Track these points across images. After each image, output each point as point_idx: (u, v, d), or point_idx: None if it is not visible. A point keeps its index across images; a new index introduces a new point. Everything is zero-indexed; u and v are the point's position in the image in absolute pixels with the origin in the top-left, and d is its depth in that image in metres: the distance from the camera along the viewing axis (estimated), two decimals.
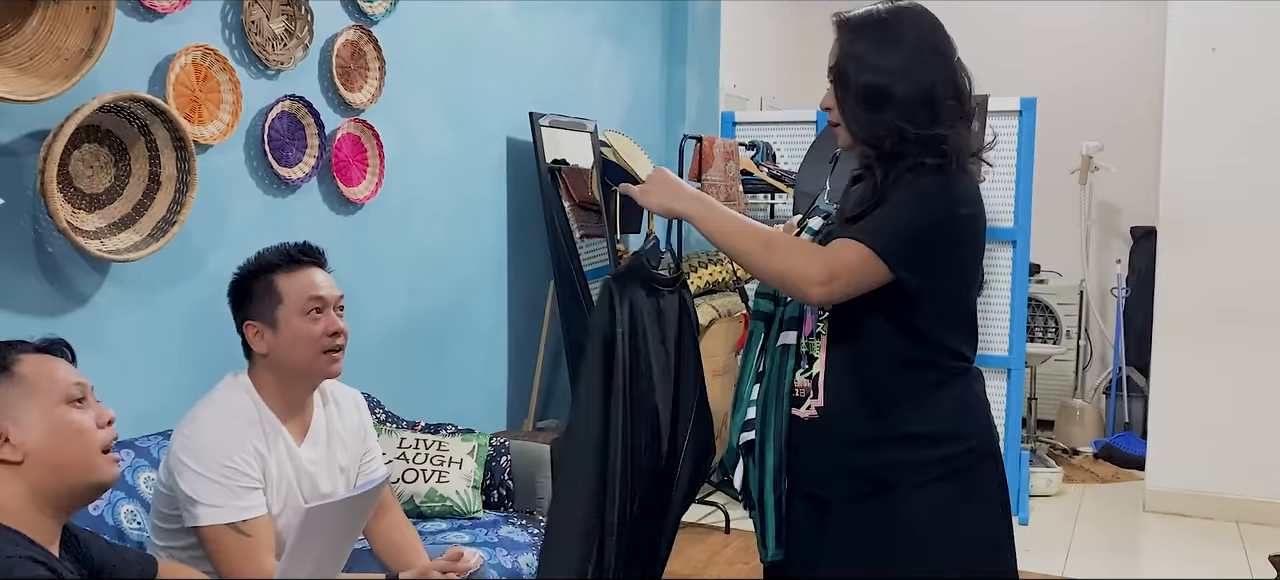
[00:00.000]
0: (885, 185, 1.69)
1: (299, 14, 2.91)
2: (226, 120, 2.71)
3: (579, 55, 4.39)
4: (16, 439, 1.46)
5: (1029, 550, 4.14)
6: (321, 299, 2.05)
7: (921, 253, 1.67)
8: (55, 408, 1.51)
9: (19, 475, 1.46)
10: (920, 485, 1.71)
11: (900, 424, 1.72)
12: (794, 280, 1.70)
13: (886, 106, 1.68)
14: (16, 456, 1.46)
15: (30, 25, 2.25)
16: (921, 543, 1.71)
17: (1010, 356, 4.56)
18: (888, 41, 1.71)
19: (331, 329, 2.04)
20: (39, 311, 2.30)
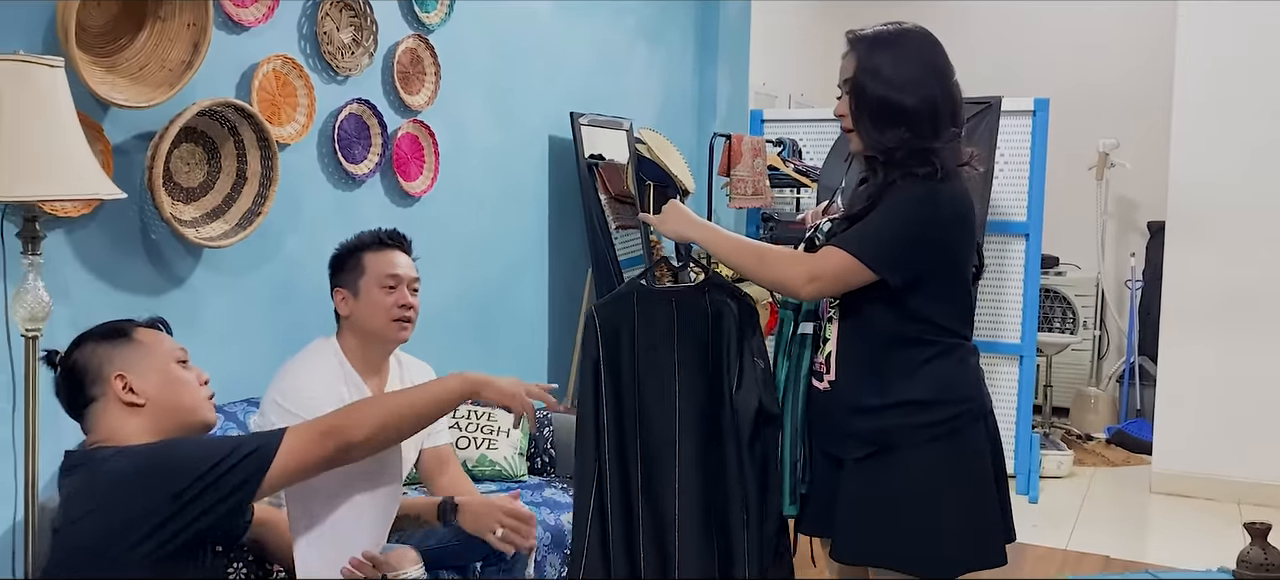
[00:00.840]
0: (882, 189, 1.97)
1: (365, 25, 3.22)
2: (302, 122, 3.03)
3: (616, 57, 4.67)
4: (138, 388, 1.81)
5: (1037, 526, 4.40)
6: (397, 276, 2.43)
7: (906, 254, 1.94)
8: (167, 366, 1.86)
9: (142, 415, 1.80)
10: (917, 445, 1.99)
11: (898, 393, 1.99)
12: (785, 284, 2.03)
13: (897, 118, 1.95)
14: (140, 400, 1.80)
15: (140, 40, 2.57)
16: (919, 494, 1.98)
17: (1022, 344, 4.80)
18: (899, 60, 1.99)
19: (402, 302, 2.42)
20: (144, 291, 2.63)
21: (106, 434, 1.78)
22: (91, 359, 1.82)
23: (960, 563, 2.02)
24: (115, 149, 2.53)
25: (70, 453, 1.80)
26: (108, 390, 1.80)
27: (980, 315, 4.76)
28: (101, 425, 1.80)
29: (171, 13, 2.58)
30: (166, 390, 1.83)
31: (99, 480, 1.68)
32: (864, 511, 2.02)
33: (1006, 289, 4.83)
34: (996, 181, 4.73)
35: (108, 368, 1.81)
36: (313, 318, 2.88)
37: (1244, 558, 2.86)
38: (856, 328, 2.02)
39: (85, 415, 1.82)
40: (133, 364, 1.83)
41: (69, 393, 1.83)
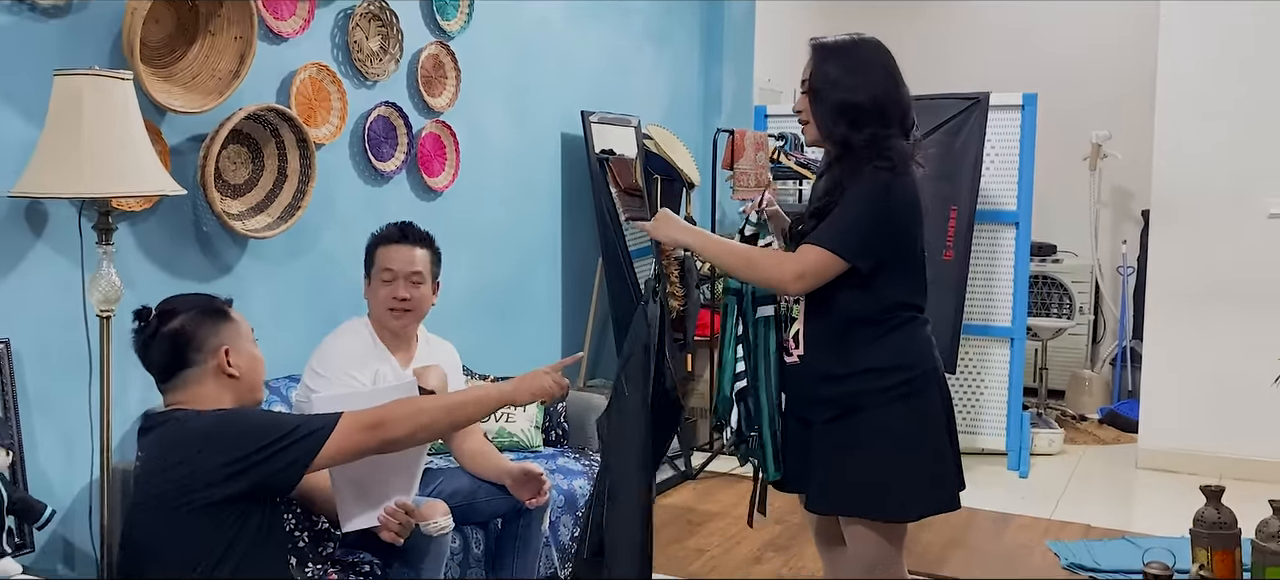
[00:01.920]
0: (845, 181, 2.23)
1: (391, 33, 3.50)
2: (335, 123, 3.32)
3: (625, 58, 4.94)
4: (235, 362, 2.07)
5: (1025, 498, 4.65)
6: (391, 271, 2.70)
7: (871, 241, 2.20)
8: (250, 345, 2.14)
9: (231, 387, 2.07)
10: (878, 406, 2.25)
11: (861, 362, 2.25)
12: (774, 283, 2.27)
13: (849, 115, 2.22)
14: (237, 373, 2.06)
15: (193, 52, 2.87)
16: (880, 449, 2.25)
17: (1013, 328, 5.05)
18: (854, 65, 2.25)
19: (396, 294, 2.69)
20: (196, 277, 2.92)
21: (193, 398, 2.02)
22: (197, 329, 2.04)
23: (918, 507, 2.29)
24: (172, 150, 2.82)
25: (150, 413, 2.08)
26: (210, 360, 2.03)
27: (972, 300, 5.02)
28: (193, 389, 2.03)
29: (220, 27, 2.87)
30: (251, 367, 2.10)
31: (180, 437, 1.95)
32: (833, 467, 2.28)
33: (998, 275, 5.08)
34: (988, 173, 4.98)
35: (213, 340, 2.04)
36: (345, 302, 3.17)
37: (1199, 517, 3.10)
38: (822, 307, 2.28)
39: (178, 378, 2.03)
40: (233, 340, 2.08)
41: (169, 355, 2.03)
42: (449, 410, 2.17)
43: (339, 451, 1.99)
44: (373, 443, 2.02)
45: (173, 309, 2.08)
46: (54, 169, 2.32)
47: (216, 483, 1.91)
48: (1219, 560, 3.04)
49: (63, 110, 2.34)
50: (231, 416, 1.99)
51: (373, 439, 2.02)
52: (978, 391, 5.18)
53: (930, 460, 2.28)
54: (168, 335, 2.03)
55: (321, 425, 1.98)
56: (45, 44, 2.53)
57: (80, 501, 2.63)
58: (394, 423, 2.04)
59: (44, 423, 2.55)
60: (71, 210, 2.56)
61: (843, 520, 2.34)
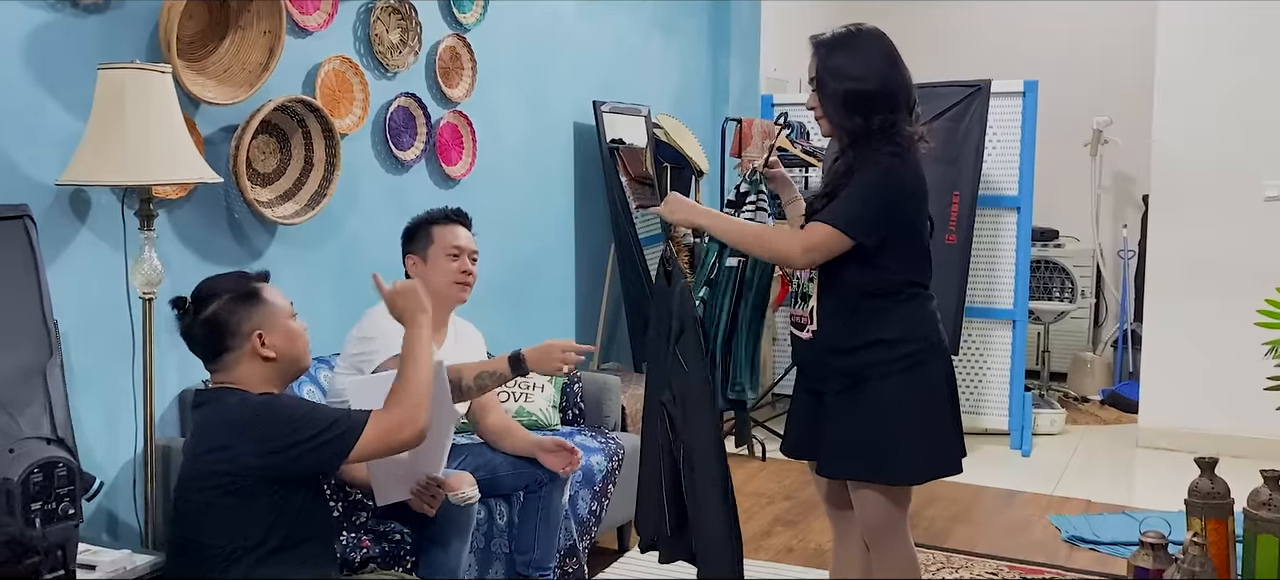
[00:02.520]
0: (856, 164, 2.35)
1: (410, 27, 3.62)
2: (358, 114, 3.44)
3: (635, 49, 5.06)
4: (270, 343, 2.14)
5: (1027, 476, 4.78)
6: (460, 247, 2.87)
7: (877, 220, 2.32)
8: (287, 321, 2.20)
9: (269, 366, 2.15)
10: (885, 377, 2.37)
11: (869, 334, 2.37)
12: (782, 258, 2.43)
13: (856, 104, 2.34)
14: (272, 354, 2.13)
15: (224, 46, 2.99)
16: (886, 418, 2.37)
17: (1015, 310, 5.17)
18: (856, 56, 2.36)
19: (464, 268, 2.86)
20: (229, 262, 3.04)
21: (236, 379, 2.12)
22: (231, 316, 2.10)
23: (922, 472, 2.42)
24: (205, 140, 2.94)
25: (200, 391, 2.20)
26: (246, 345, 2.10)
27: (975, 282, 5.14)
28: (234, 371, 2.12)
29: (250, 22, 2.99)
30: (289, 344, 2.16)
31: (221, 421, 2.07)
32: (842, 435, 2.41)
33: (1000, 259, 5.19)
34: (990, 159, 5.09)
35: (246, 325, 2.11)
36: (369, 285, 3.28)
37: (1193, 488, 3.22)
38: (834, 284, 2.40)
39: (218, 361, 2.13)
40: (266, 321, 2.13)
41: (208, 342, 2.12)
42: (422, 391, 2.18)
43: (369, 451, 2.08)
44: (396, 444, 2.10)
45: (209, 294, 2.14)
46: (99, 159, 2.44)
47: (254, 469, 2.01)
48: (1212, 529, 3.15)
49: (107, 102, 2.46)
50: (266, 412, 2.05)
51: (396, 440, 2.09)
52: (981, 372, 5.29)
53: (934, 428, 2.40)
54: (204, 323, 2.11)
55: (350, 425, 2.05)
56: (86, 40, 2.65)
57: (124, 475, 2.76)
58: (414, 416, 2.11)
59: (89, 400, 2.67)
60: (114, 198, 2.69)
61: (851, 485, 2.46)
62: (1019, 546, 3.85)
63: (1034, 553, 3.78)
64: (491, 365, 2.70)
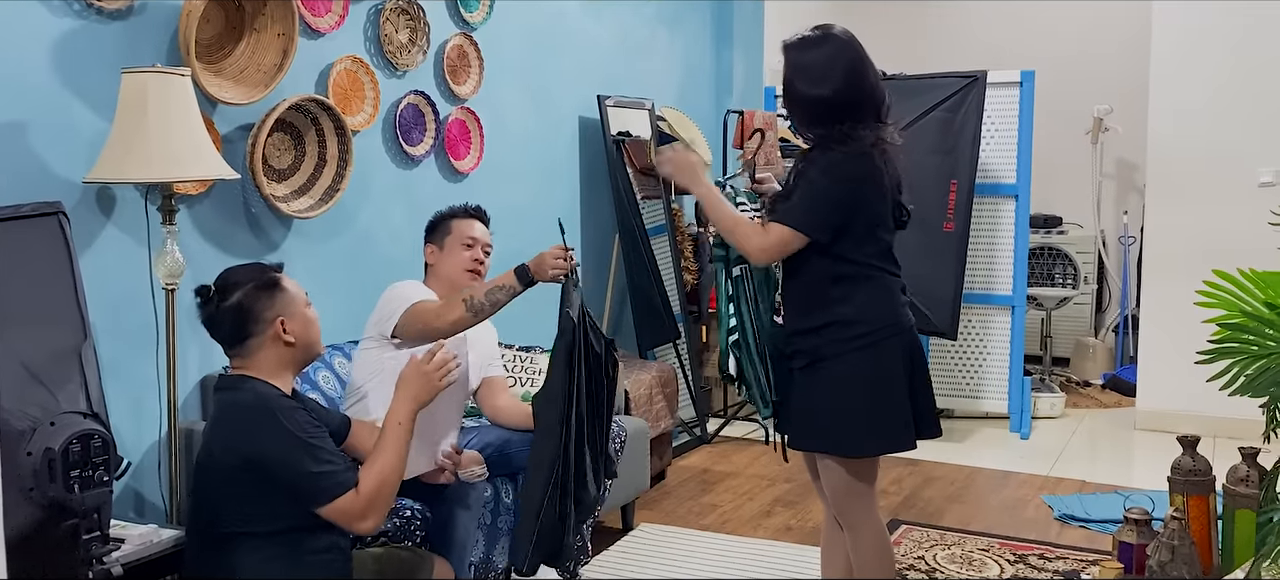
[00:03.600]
0: (809, 164, 2.49)
1: (419, 26, 3.76)
2: (368, 112, 3.58)
3: (639, 43, 5.18)
4: (290, 329, 2.25)
5: (1024, 457, 4.89)
6: (474, 239, 3.01)
7: (827, 214, 2.45)
8: (304, 308, 2.33)
9: (288, 351, 2.26)
10: (839, 355, 2.50)
11: (824, 317, 2.50)
12: (745, 251, 2.56)
13: (818, 111, 2.47)
14: (293, 340, 2.24)
15: (240, 48, 3.13)
16: (839, 393, 2.50)
17: (1014, 295, 5.27)
18: (820, 64, 2.48)
19: (476, 258, 3.00)
20: (246, 254, 3.18)
21: (256, 364, 2.23)
22: (254, 303, 2.21)
23: (874, 446, 2.57)
24: (223, 138, 3.09)
25: (222, 376, 2.33)
26: (268, 330, 2.21)
27: (974, 269, 5.24)
28: (255, 357, 2.22)
29: (264, 25, 3.13)
30: (306, 330, 2.28)
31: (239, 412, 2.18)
32: (803, 410, 2.57)
33: (999, 246, 5.30)
34: (988, 148, 5.19)
35: (269, 312, 2.22)
36: (380, 276, 3.43)
37: (1176, 466, 3.34)
38: (796, 272, 2.55)
39: (241, 347, 2.23)
40: (286, 309, 2.25)
41: (232, 329, 2.22)
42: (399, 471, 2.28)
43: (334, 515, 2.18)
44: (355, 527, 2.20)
45: (231, 284, 2.24)
46: (124, 158, 2.59)
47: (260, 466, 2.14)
48: (1194, 505, 3.27)
49: (130, 104, 2.61)
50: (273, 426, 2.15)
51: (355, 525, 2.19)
52: (981, 357, 5.40)
53: (885, 405, 2.52)
54: (228, 311, 2.22)
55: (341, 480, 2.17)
56: (110, 45, 2.80)
57: (148, 457, 2.91)
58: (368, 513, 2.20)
59: (115, 387, 2.82)
60: (137, 195, 2.84)
61: (817, 457, 2.61)
62: (1011, 525, 3.97)
63: (1025, 530, 3.90)
64: (500, 280, 2.80)
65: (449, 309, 2.73)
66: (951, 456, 4.79)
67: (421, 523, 2.83)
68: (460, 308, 2.71)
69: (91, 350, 2.31)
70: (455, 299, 2.74)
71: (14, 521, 1.71)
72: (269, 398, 2.20)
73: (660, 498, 4.29)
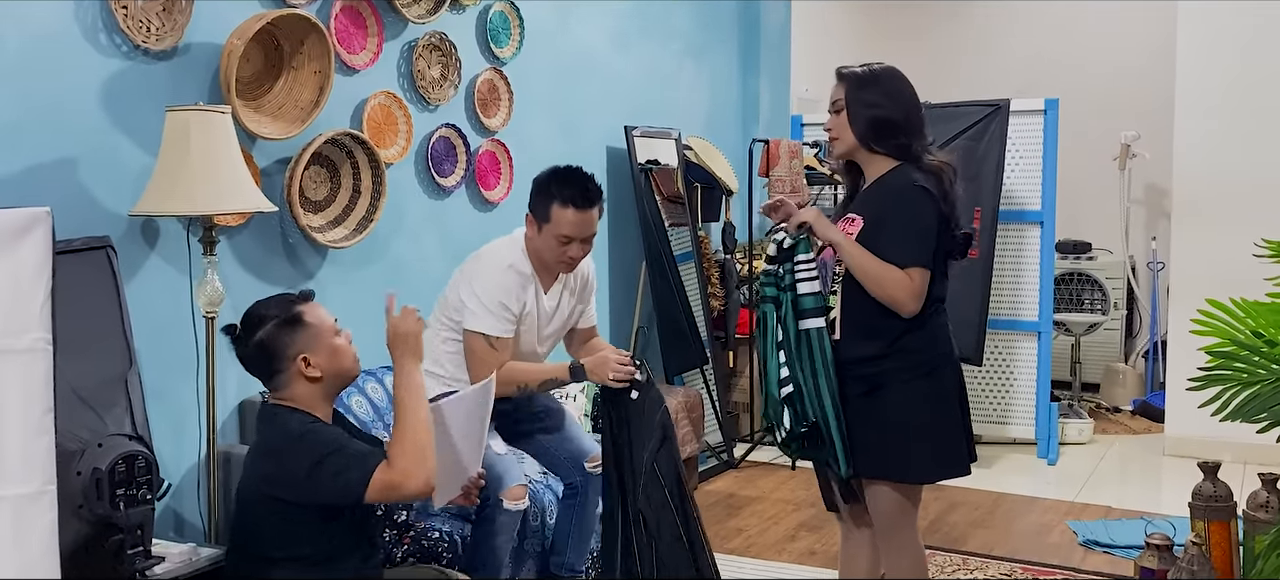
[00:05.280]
0: (896, 193, 2.52)
1: (450, 62, 3.88)
2: (401, 145, 3.70)
3: (666, 74, 5.28)
4: (315, 363, 2.29)
5: (1051, 483, 4.90)
6: (570, 237, 2.90)
7: (933, 246, 2.51)
8: (331, 339, 2.33)
9: (315, 384, 2.30)
10: (903, 383, 2.55)
11: (889, 345, 2.54)
12: (898, 304, 2.50)
13: (885, 131, 2.55)
14: (317, 374, 2.29)
15: (278, 85, 3.26)
16: (902, 421, 2.55)
17: (1040, 322, 5.29)
18: (886, 88, 2.58)
19: (570, 255, 2.94)
20: (283, 283, 3.31)
21: (289, 397, 2.30)
22: (276, 343, 2.27)
23: (937, 472, 2.63)
24: (262, 172, 3.22)
25: (263, 406, 2.39)
26: (292, 367, 2.27)
27: (1000, 296, 5.28)
28: (288, 390, 2.29)
29: (302, 63, 3.26)
30: (333, 361, 2.31)
31: (273, 439, 2.29)
32: (862, 436, 2.56)
33: (1024, 273, 5.32)
34: (1013, 175, 5.23)
35: (291, 349, 2.26)
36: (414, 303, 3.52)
37: (1197, 491, 3.35)
38: (856, 296, 2.55)
39: (273, 381, 2.31)
40: (309, 344, 2.28)
41: (260, 367, 2.30)
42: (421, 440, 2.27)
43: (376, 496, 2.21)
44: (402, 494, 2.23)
45: (257, 319, 2.31)
46: (168, 191, 2.72)
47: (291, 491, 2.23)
48: (1215, 530, 3.28)
49: (174, 140, 2.74)
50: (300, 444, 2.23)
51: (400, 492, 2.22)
52: (1007, 383, 5.42)
53: (945, 431, 2.60)
54: (253, 349, 2.29)
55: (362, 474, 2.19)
56: (156, 84, 2.94)
57: (189, 478, 3.02)
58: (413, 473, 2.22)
59: (157, 410, 2.93)
60: (180, 226, 2.97)
61: (866, 481, 2.63)
62: (1036, 550, 3.98)
63: (1049, 556, 3.91)
64: (554, 371, 2.89)
65: (503, 388, 2.76)
66: (977, 482, 4.80)
67: (448, 545, 2.92)
68: (513, 390, 2.81)
69: (137, 376, 2.42)
70: (510, 380, 2.83)
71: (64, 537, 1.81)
72: (293, 430, 2.25)
73: None
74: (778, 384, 2.58)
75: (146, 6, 2.89)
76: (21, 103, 2.67)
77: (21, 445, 1.62)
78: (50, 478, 1.66)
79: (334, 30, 3.40)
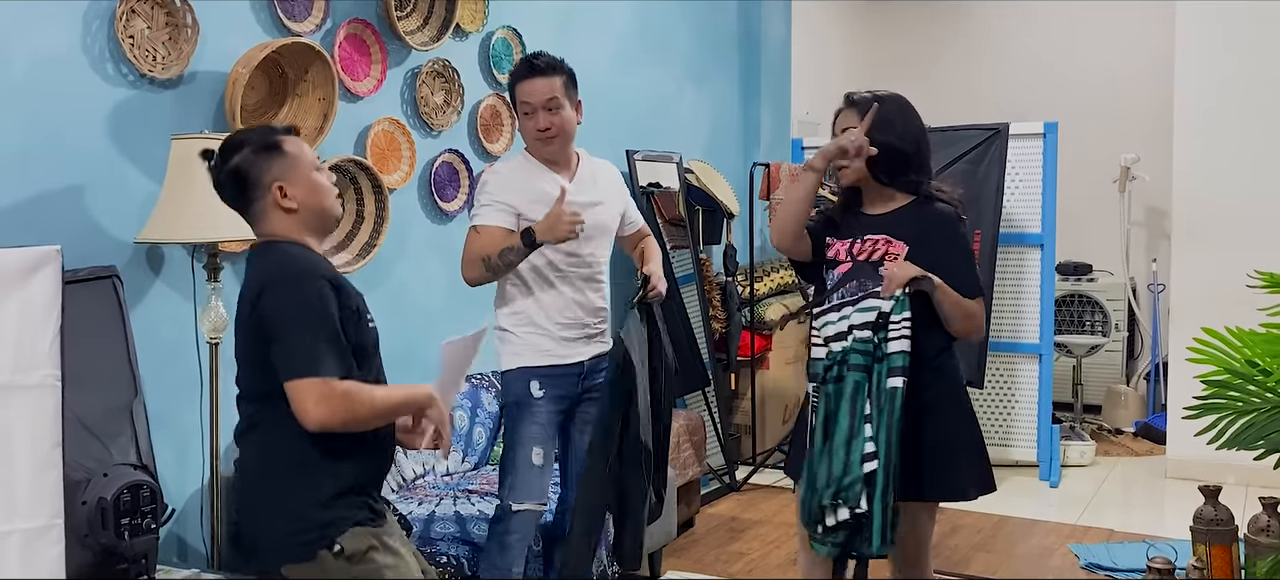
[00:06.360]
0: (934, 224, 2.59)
1: (453, 88, 3.91)
2: (405, 170, 3.73)
3: (667, 99, 5.31)
4: (291, 194, 2.11)
5: (1052, 506, 4.90)
6: (529, 104, 2.87)
7: None
8: (310, 173, 2.16)
9: (293, 216, 2.13)
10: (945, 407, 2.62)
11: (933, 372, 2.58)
12: (972, 331, 2.62)
13: (898, 165, 2.59)
14: (293, 205, 2.11)
15: (283, 112, 3.29)
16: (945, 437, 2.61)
17: (1041, 344, 5.30)
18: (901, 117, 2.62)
19: (536, 126, 2.87)
20: None
21: (268, 230, 2.15)
22: (253, 168, 2.11)
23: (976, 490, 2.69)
24: None
25: (256, 243, 2.21)
26: (268, 196, 2.11)
27: (1001, 318, 5.29)
28: (263, 222, 2.14)
29: (306, 90, 3.29)
30: (312, 196, 2.14)
31: (264, 271, 2.09)
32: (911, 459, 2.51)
33: (1025, 295, 5.34)
34: (1013, 198, 5.25)
35: (267, 177, 2.10)
36: (417, 327, 3.56)
37: (1198, 515, 3.35)
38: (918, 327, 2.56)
39: (248, 213, 2.15)
40: (287, 173, 2.12)
41: (234, 195, 2.14)
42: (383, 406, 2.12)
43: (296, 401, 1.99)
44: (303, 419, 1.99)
45: (235, 145, 2.15)
46: (173, 219, 2.74)
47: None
48: (1217, 554, 3.28)
49: (179, 168, 2.77)
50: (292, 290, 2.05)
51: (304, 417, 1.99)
52: (1009, 406, 5.43)
53: (981, 448, 2.72)
54: (228, 174, 2.13)
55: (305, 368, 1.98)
56: (162, 112, 2.97)
57: (192, 503, 3.04)
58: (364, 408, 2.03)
59: (161, 436, 2.95)
60: (185, 253, 2.99)
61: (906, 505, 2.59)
62: (1038, 573, 3.99)
63: None
64: (510, 240, 2.82)
65: (470, 267, 2.84)
66: (979, 505, 4.71)
67: (454, 568, 2.93)
68: (480, 267, 2.81)
69: (141, 406, 2.44)
70: (476, 255, 2.82)
71: (70, 566, 1.84)
72: (299, 259, 2.11)
73: (688, 545, 4.35)
74: (861, 461, 2.44)
75: (153, 36, 2.92)
76: (29, 131, 2.69)
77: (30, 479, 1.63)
78: (57, 511, 1.68)
79: (338, 58, 3.43)
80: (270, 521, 2.05)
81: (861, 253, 2.61)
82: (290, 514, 2.03)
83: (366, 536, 2.06)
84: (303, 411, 1.97)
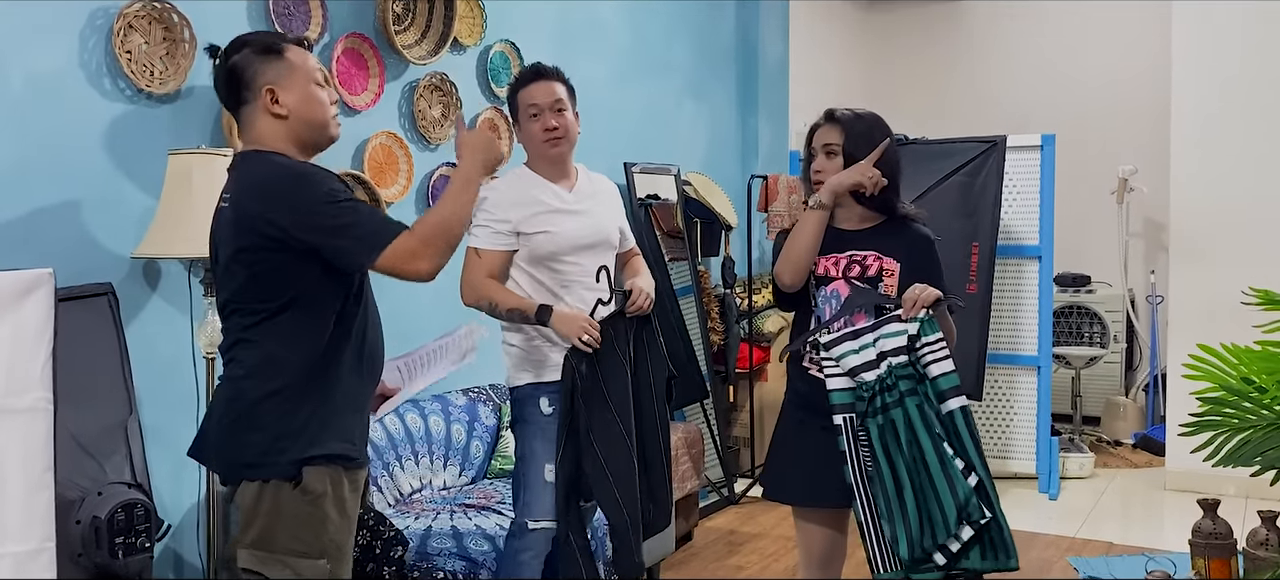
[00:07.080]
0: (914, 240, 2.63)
1: (451, 101, 3.91)
2: (402, 183, 3.73)
3: (665, 112, 5.32)
4: (282, 100, 2.07)
5: (1052, 518, 4.88)
6: (537, 105, 2.83)
7: None
8: (308, 85, 2.11)
9: (283, 124, 2.09)
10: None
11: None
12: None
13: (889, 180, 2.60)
14: (283, 112, 2.07)
15: None
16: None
17: (1039, 356, 5.30)
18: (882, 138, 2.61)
19: (545, 126, 2.83)
20: None
21: (255, 137, 2.10)
22: (247, 68, 2.07)
23: None
24: None
25: (239, 152, 2.18)
26: (258, 99, 2.06)
27: (999, 330, 5.29)
28: (251, 128, 2.10)
29: None
30: (304, 107, 2.10)
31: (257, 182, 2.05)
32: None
33: (1023, 307, 5.34)
34: (1010, 210, 5.26)
35: (260, 79, 2.06)
36: (415, 340, 3.53)
37: (1197, 529, 3.35)
38: None
39: (239, 114, 2.12)
40: (281, 79, 2.07)
41: (227, 92, 2.11)
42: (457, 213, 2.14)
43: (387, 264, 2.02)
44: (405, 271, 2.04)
45: (239, 43, 2.12)
46: (170, 234, 2.74)
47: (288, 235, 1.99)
48: (1216, 568, 3.28)
49: (176, 184, 2.77)
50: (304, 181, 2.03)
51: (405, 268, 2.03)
52: (1007, 418, 5.42)
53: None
54: (225, 71, 2.10)
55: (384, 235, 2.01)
56: (158, 127, 2.97)
57: (188, 518, 3.03)
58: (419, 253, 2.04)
59: (157, 451, 2.95)
60: (181, 268, 2.98)
61: None
62: None
63: None
64: (524, 306, 2.77)
65: (470, 294, 2.80)
66: None
67: None
68: (484, 304, 2.76)
69: (136, 423, 2.44)
70: (483, 293, 2.78)
71: None
72: (288, 164, 2.07)
73: (687, 559, 4.34)
74: (961, 474, 2.40)
75: (150, 50, 2.93)
76: (26, 145, 2.69)
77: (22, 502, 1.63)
78: (49, 534, 1.67)
79: (335, 72, 3.43)
80: (247, 433, 2.02)
81: (854, 270, 2.62)
82: (270, 430, 2.01)
83: (326, 481, 2.03)
84: (415, 270, 2.00)
